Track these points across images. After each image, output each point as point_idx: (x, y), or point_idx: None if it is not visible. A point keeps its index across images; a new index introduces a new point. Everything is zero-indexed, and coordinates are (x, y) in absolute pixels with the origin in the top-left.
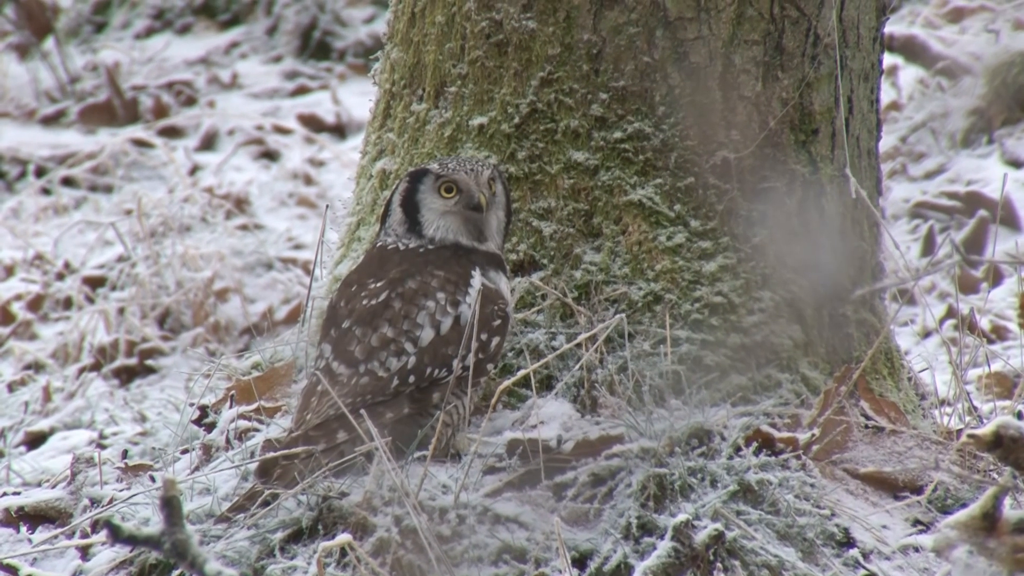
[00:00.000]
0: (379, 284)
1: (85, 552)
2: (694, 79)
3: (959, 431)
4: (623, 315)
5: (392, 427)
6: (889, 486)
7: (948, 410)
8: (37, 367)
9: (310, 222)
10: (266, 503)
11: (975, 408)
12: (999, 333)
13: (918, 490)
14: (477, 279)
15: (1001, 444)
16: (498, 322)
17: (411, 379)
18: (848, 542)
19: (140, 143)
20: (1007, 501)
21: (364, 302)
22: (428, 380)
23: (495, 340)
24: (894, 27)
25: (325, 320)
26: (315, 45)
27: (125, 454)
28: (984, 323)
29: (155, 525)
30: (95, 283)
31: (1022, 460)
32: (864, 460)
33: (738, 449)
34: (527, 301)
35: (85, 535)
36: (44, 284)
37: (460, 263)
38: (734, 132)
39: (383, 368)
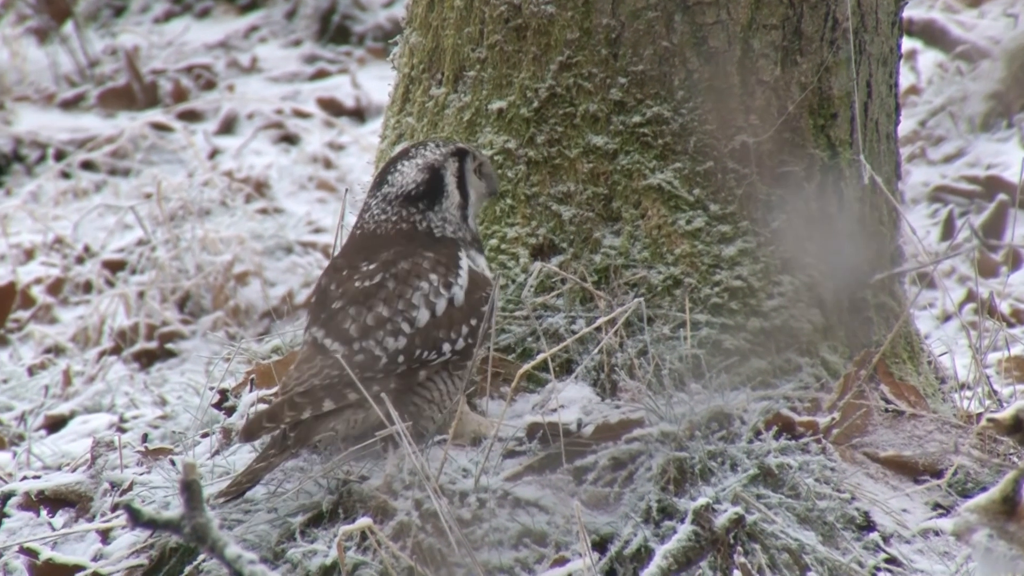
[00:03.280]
0: (372, 266)
1: (105, 536)
2: (713, 64)
3: (979, 415)
4: (642, 299)
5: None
6: (909, 470)
7: (968, 394)
8: (57, 351)
9: (329, 206)
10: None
11: (995, 392)
12: (1019, 317)
13: (938, 474)
14: (464, 261)
15: (1021, 428)
16: (484, 307)
17: (400, 359)
18: (868, 526)
19: (159, 127)
20: None
21: (357, 284)
22: (418, 362)
23: (482, 325)
24: (913, 11)
25: (314, 304)
26: (334, 29)
27: (145, 438)
28: (1004, 307)
29: (175, 509)
30: (115, 267)
31: None
32: (884, 444)
33: (758, 433)
34: (547, 285)
35: (105, 519)
36: (64, 268)
37: (446, 244)
38: (753, 117)
39: (380, 347)
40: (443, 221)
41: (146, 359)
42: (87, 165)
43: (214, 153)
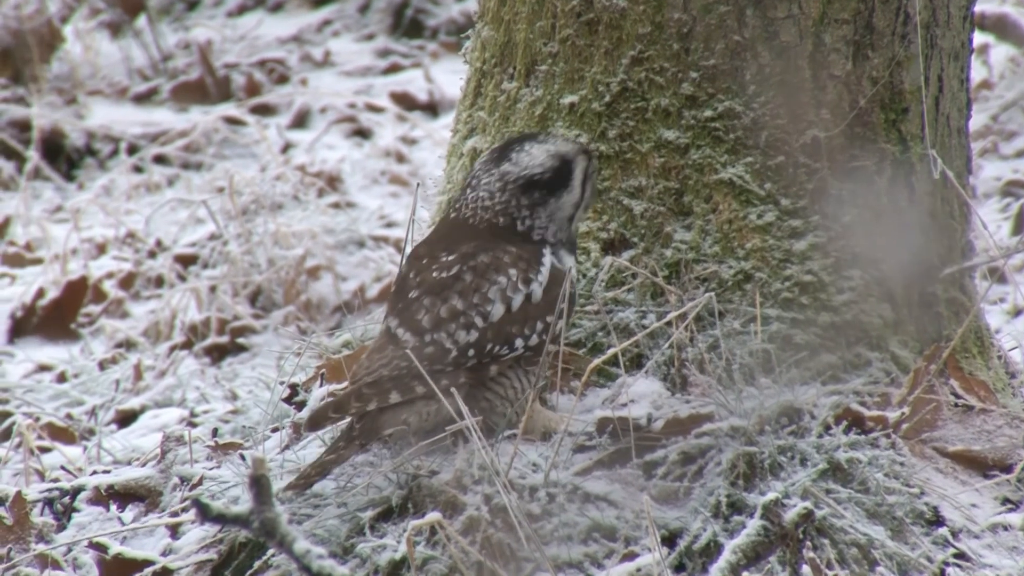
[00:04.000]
0: (451, 257)
1: (175, 531)
2: (784, 58)
3: None
4: (712, 293)
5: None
6: (978, 465)
7: None
8: (128, 345)
9: (402, 200)
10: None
11: None
12: None
13: (1007, 469)
14: (548, 258)
15: None
16: (563, 305)
17: (471, 352)
18: (937, 520)
19: (232, 121)
20: None
21: (434, 274)
22: (488, 356)
23: (560, 323)
24: (985, 5)
25: (393, 293)
26: (407, 23)
27: (215, 432)
28: None
29: (244, 504)
30: (187, 261)
31: None
32: (953, 439)
33: (828, 427)
34: (617, 280)
35: (175, 514)
36: (136, 262)
37: (532, 242)
38: (824, 111)
39: (451, 340)
40: (548, 219)
41: (217, 353)
42: (160, 159)
43: (287, 147)
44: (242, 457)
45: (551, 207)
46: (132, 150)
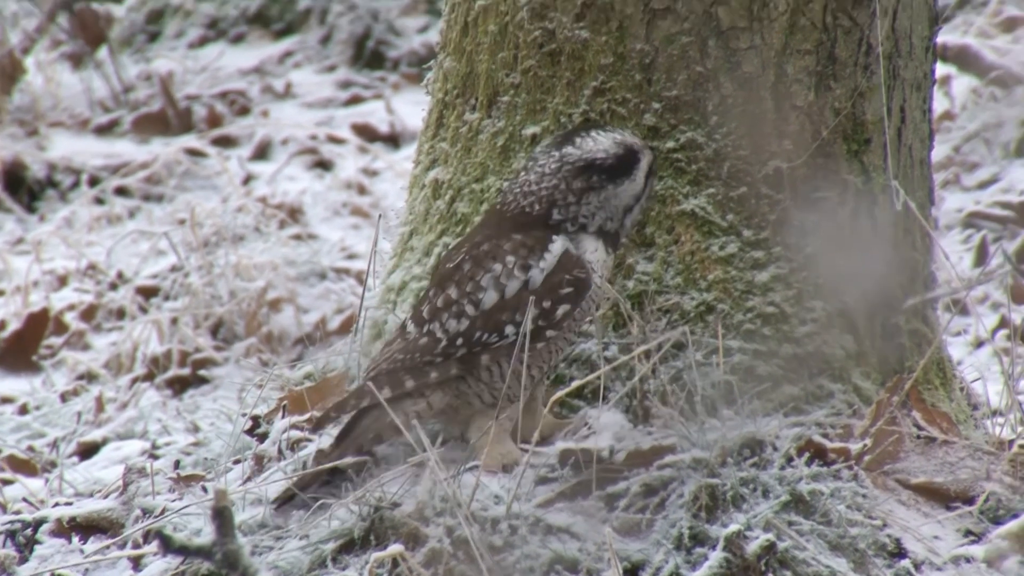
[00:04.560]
0: (465, 247)
1: (137, 563)
2: (746, 89)
3: (1011, 441)
4: (686, 328)
5: (436, 387)
6: (941, 497)
7: (1000, 420)
8: (90, 377)
9: (363, 232)
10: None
11: None
12: None
13: (970, 501)
14: (558, 245)
15: None
16: (568, 290)
17: (459, 342)
18: (900, 552)
19: (193, 152)
20: None
21: (447, 265)
22: (479, 345)
23: (561, 308)
24: (947, 36)
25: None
26: (369, 54)
27: (177, 464)
28: None
29: (207, 536)
30: (148, 293)
31: None
32: (916, 471)
33: (790, 459)
34: None
35: (137, 546)
36: (97, 294)
37: (549, 228)
38: (786, 142)
39: (442, 330)
40: (598, 207)
41: (179, 386)
42: (121, 191)
43: (248, 179)
44: (204, 489)
45: (606, 194)
46: (93, 182)
